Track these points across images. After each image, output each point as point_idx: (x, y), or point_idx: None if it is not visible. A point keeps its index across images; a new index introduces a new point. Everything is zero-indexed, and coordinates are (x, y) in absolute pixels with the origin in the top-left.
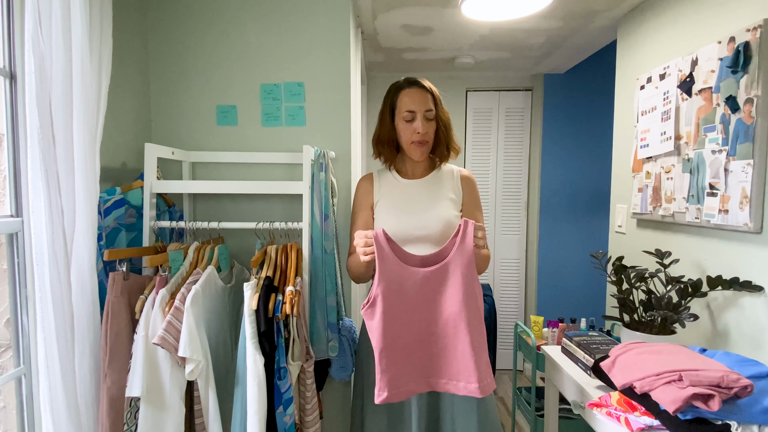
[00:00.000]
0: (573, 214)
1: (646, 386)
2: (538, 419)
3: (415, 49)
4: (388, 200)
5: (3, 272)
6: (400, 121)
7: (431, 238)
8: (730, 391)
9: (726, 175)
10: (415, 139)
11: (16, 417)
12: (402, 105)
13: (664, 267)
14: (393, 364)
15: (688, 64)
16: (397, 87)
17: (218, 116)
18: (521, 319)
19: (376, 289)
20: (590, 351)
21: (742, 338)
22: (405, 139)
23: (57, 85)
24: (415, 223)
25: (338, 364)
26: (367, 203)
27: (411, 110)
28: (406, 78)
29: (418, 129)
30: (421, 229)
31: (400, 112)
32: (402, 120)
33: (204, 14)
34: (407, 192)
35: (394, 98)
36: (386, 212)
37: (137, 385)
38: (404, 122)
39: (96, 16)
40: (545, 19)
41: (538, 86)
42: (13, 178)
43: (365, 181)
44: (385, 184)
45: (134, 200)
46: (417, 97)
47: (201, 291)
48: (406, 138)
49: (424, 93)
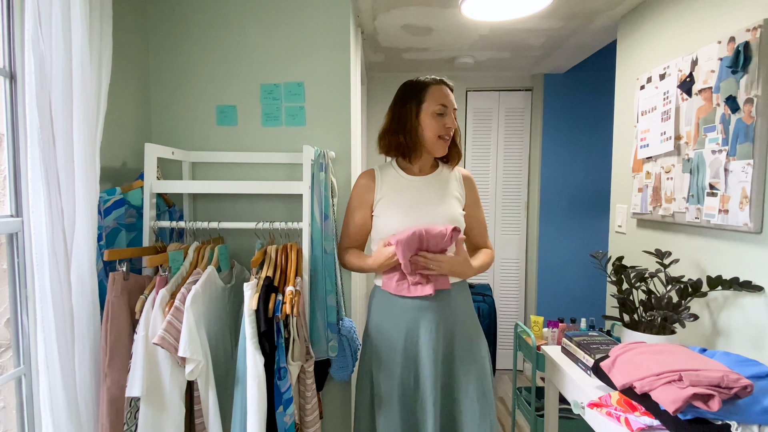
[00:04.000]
0: (573, 214)
1: (646, 386)
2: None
3: (415, 49)
4: (392, 197)
5: (3, 272)
6: (428, 115)
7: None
8: (730, 391)
9: (726, 175)
10: (443, 133)
11: (16, 417)
12: (434, 99)
13: (664, 267)
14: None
15: (688, 64)
16: (424, 83)
17: (218, 116)
18: (521, 319)
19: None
20: (590, 351)
21: (742, 338)
22: (431, 133)
23: (57, 85)
24: (422, 220)
25: (338, 364)
26: (366, 201)
27: (444, 105)
28: (431, 76)
29: (448, 123)
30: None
31: (431, 106)
32: (431, 114)
33: (204, 14)
34: (413, 189)
35: (423, 93)
36: (392, 209)
37: (137, 385)
38: (434, 116)
39: (96, 16)
40: (545, 19)
41: (538, 86)
42: (13, 178)
43: (366, 178)
44: (388, 181)
45: (134, 200)
46: (449, 95)
47: (201, 291)
48: (433, 132)
49: (450, 92)
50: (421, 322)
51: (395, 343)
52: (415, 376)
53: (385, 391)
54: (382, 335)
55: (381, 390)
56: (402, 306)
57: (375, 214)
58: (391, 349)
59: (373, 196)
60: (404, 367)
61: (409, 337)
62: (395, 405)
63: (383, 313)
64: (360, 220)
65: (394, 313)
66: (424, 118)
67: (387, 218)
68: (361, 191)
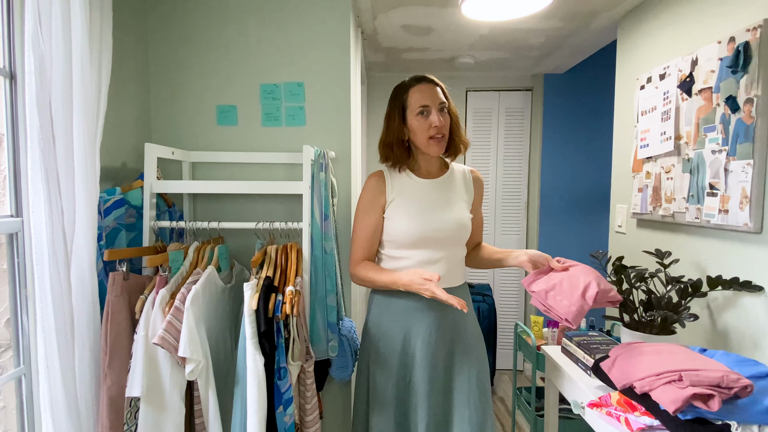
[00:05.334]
0: (573, 214)
1: (646, 386)
2: (538, 419)
3: (415, 49)
4: (403, 200)
5: (3, 272)
6: (414, 118)
7: (446, 240)
8: (730, 391)
9: (726, 175)
10: (432, 133)
11: (16, 417)
12: (414, 102)
13: (664, 267)
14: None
15: (688, 64)
16: (405, 86)
17: (218, 116)
18: (521, 319)
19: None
20: (590, 351)
21: (742, 338)
22: (421, 135)
23: (57, 85)
24: (433, 224)
25: (338, 364)
26: (378, 204)
27: (425, 105)
28: (412, 77)
29: (434, 122)
30: (438, 231)
31: (413, 109)
32: (416, 117)
33: (204, 14)
34: (424, 192)
35: (404, 97)
36: (403, 212)
37: (137, 385)
38: (419, 118)
39: (96, 17)
40: (545, 19)
41: (538, 86)
42: (13, 178)
43: (376, 180)
44: (399, 183)
45: (134, 200)
46: (428, 91)
47: (201, 291)
48: (422, 134)
49: (434, 87)
50: (420, 324)
51: (393, 343)
52: (411, 379)
53: (381, 389)
54: (381, 333)
55: (377, 388)
56: (400, 307)
57: (386, 216)
58: (388, 348)
59: (384, 198)
60: (401, 367)
61: (408, 338)
62: (390, 404)
63: (382, 313)
64: (372, 223)
65: (393, 313)
66: (411, 122)
67: (398, 221)
68: (372, 193)
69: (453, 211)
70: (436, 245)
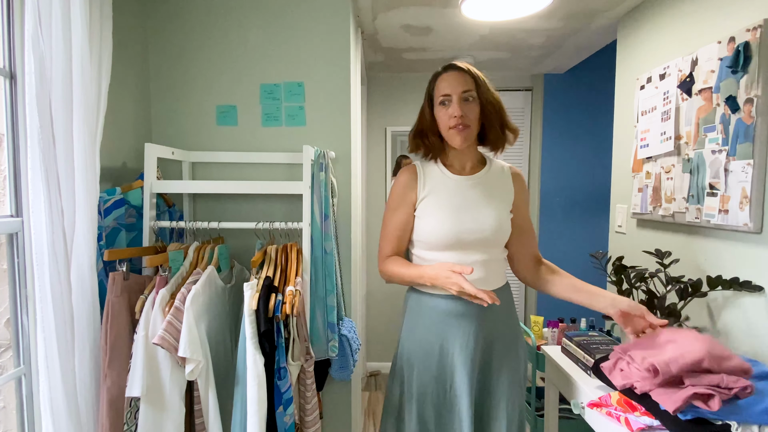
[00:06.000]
0: (573, 213)
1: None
2: (538, 419)
3: (415, 49)
4: (436, 197)
5: (3, 272)
6: (437, 108)
7: (484, 241)
8: (730, 391)
9: (726, 175)
10: (452, 123)
11: (16, 417)
12: (437, 91)
13: (664, 267)
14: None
15: (688, 64)
16: (435, 75)
17: (218, 116)
18: (521, 319)
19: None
20: (590, 351)
21: (742, 338)
22: (442, 126)
23: (57, 85)
24: (469, 225)
25: (338, 364)
26: (409, 200)
27: (446, 94)
28: (442, 67)
29: (452, 112)
30: (475, 232)
31: (437, 99)
32: (438, 107)
33: (204, 14)
34: (459, 190)
35: (432, 86)
36: (434, 212)
37: (137, 385)
38: (440, 108)
39: (96, 17)
40: (545, 19)
41: (538, 86)
42: (13, 178)
43: (408, 175)
44: (432, 179)
45: (134, 200)
46: (452, 80)
47: (201, 291)
48: (443, 125)
49: (461, 75)
50: (458, 330)
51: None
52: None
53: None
54: (417, 339)
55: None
56: (435, 310)
57: (416, 214)
58: (425, 353)
59: (415, 195)
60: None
61: (445, 343)
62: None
63: (416, 317)
64: (401, 220)
65: (426, 317)
66: (436, 112)
67: (430, 220)
68: (402, 189)
69: (489, 211)
70: (469, 248)
